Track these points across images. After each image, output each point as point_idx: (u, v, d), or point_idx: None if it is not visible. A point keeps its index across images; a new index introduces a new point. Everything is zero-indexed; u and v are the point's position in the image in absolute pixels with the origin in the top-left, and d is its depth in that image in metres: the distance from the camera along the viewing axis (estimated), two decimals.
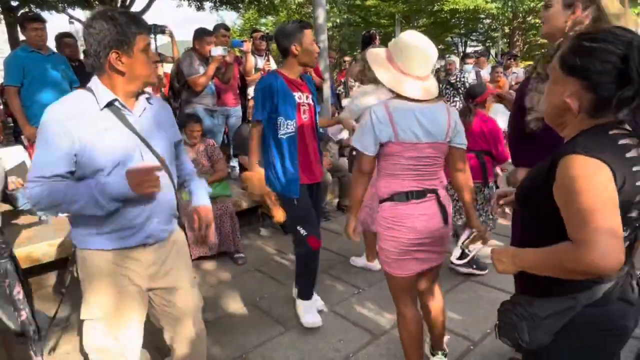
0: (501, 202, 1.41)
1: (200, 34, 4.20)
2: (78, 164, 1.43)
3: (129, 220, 1.51)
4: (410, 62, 1.77)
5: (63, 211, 1.50)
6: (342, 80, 6.50)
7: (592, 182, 0.95)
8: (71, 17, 8.56)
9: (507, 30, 18.41)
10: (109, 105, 1.44)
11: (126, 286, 1.57)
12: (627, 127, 1.06)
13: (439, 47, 26.85)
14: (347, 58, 7.04)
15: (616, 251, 0.92)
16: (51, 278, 3.23)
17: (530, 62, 27.81)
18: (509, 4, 13.73)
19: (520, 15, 15.62)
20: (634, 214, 1.04)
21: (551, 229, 1.06)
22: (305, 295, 2.68)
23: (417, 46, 1.78)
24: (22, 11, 8.01)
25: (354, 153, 3.37)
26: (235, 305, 2.92)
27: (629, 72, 0.96)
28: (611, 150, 0.99)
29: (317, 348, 2.42)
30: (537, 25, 19.61)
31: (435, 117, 1.78)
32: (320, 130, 2.67)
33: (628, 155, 1.01)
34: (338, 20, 18.40)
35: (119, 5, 6.98)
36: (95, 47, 1.38)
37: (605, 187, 0.96)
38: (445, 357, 2.17)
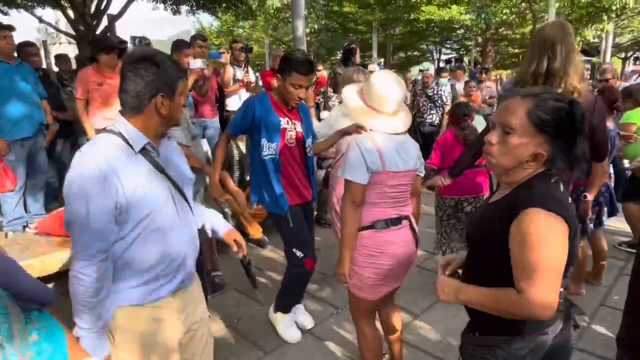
0: (447, 272, 1.40)
1: (179, 47, 4.13)
2: (120, 216, 1.34)
3: (169, 263, 1.46)
4: (382, 102, 1.92)
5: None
6: (322, 90, 6.48)
7: (548, 239, 1.07)
8: (41, 19, 8.23)
9: (480, 40, 18.92)
10: (142, 149, 1.40)
11: (162, 344, 1.50)
12: (553, 171, 1.19)
13: (415, 54, 27.35)
14: (319, 67, 7.00)
15: (553, 305, 1.07)
16: None
17: (502, 71, 28.53)
18: (482, 17, 14.10)
19: (493, 27, 16.08)
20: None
21: (500, 271, 1.15)
22: (287, 309, 2.70)
23: (387, 87, 1.93)
24: None
25: (330, 169, 3.40)
26: (212, 327, 2.85)
27: (577, 125, 1.12)
28: (562, 200, 1.13)
29: None
30: (509, 36, 20.25)
31: (408, 148, 1.98)
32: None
33: (569, 201, 1.17)
34: (316, 26, 18.41)
35: (93, 8, 6.74)
36: (140, 88, 1.35)
37: (558, 245, 1.08)
38: None
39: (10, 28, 3.50)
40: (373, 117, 1.94)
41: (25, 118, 3.57)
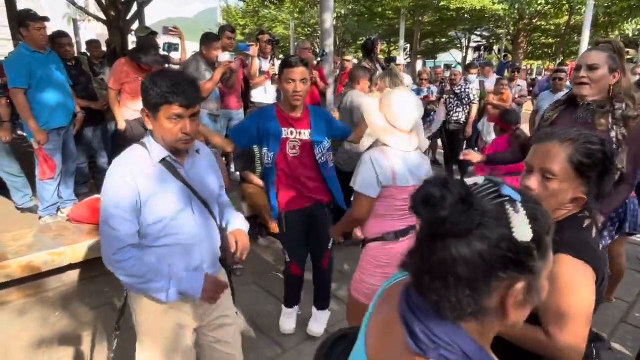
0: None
1: (209, 40, 4.17)
2: (140, 216, 1.49)
3: (186, 267, 1.60)
4: (400, 120, 2.00)
5: (132, 287, 1.57)
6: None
7: (578, 287, 1.08)
8: (73, 2, 8.36)
9: (512, 30, 18.30)
10: (162, 160, 1.53)
11: (180, 332, 1.66)
12: (587, 212, 1.20)
13: (442, 40, 26.66)
14: (348, 58, 6.94)
15: (580, 352, 1.08)
16: (50, 282, 3.24)
17: (533, 62, 27.20)
18: (516, 6, 13.62)
19: (527, 17, 15.51)
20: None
21: None
22: (286, 302, 2.86)
23: (407, 108, 2.01)
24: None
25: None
26: None
27: (609, 164, 1.15)
28: (591, 247, 1.14)
29: None
30: (543, 27, 19.52)
31: (419, 163, 2.06)
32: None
33: (600, 248, 1.17)
34: (342, 11, 18.14)
35: None
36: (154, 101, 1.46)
37: (586, 292, 1.08)
38: None
39: (45, 19, 3.57)
40: (391, 134, 2.00)
41: (60, 107, 3.68)
